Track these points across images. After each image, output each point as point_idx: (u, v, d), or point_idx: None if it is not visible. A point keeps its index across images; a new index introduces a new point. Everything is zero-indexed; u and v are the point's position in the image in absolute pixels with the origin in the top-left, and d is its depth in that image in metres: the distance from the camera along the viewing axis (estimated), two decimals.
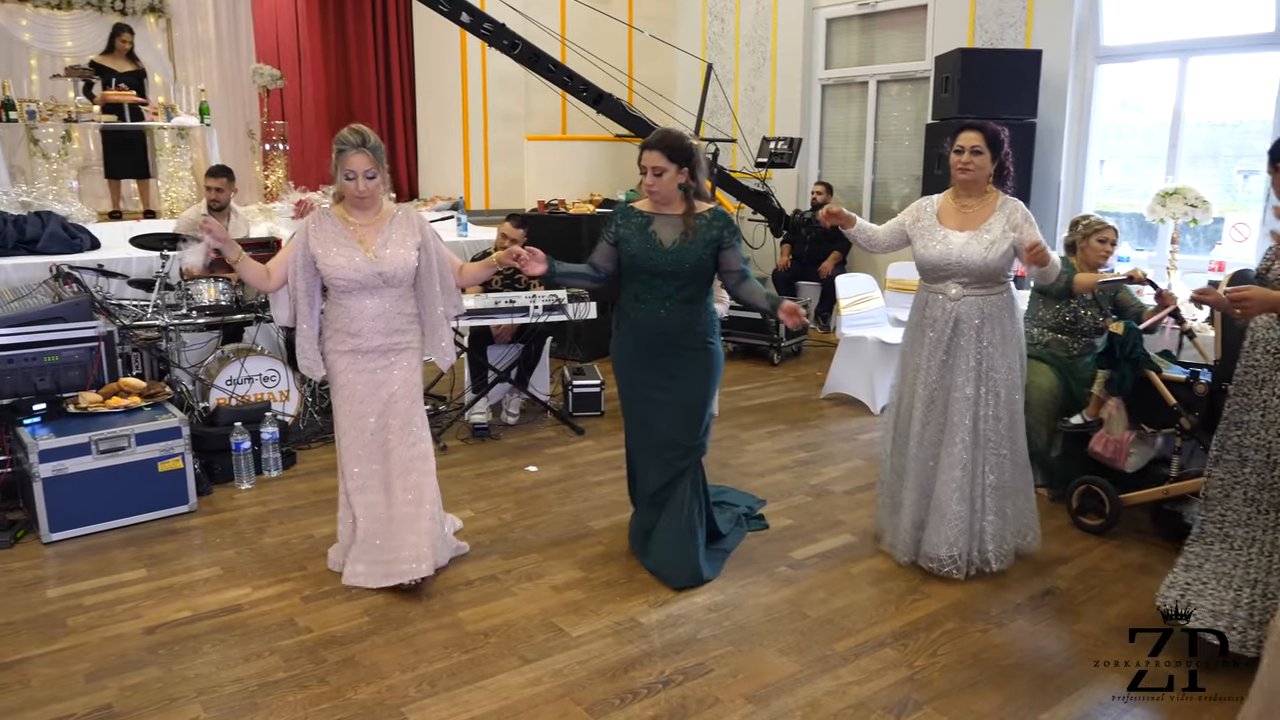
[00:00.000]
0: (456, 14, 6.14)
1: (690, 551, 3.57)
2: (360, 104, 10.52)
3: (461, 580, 3.58)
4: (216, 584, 3.55)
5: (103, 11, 9.26)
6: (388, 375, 3.45)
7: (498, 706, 2.77)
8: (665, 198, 3.47)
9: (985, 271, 3.50)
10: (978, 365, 3.54)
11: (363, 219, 3.42)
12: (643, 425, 3.65)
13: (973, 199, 3.60)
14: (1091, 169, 7.15)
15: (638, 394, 3.63)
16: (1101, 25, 6.90)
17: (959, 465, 3.55)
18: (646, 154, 3.44)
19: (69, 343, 4.37)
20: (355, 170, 3.30)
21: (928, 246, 3.59)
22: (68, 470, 3.90)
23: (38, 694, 2.81)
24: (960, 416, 3.55)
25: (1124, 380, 3.95)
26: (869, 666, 3.00)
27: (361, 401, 3.45)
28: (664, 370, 3.56)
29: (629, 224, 3.53)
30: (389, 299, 3.41)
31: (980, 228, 3.53)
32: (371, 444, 3.47)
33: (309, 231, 3.40)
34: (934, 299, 3.62)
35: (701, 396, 3.61)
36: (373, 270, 3.34)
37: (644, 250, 3.47)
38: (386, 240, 3.38)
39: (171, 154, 8.41)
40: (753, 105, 9.46)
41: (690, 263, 3.46)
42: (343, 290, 3.38)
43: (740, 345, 7.44)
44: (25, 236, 6.13)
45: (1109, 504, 3.99)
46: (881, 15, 8.50)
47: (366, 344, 3.41)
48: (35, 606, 3.36)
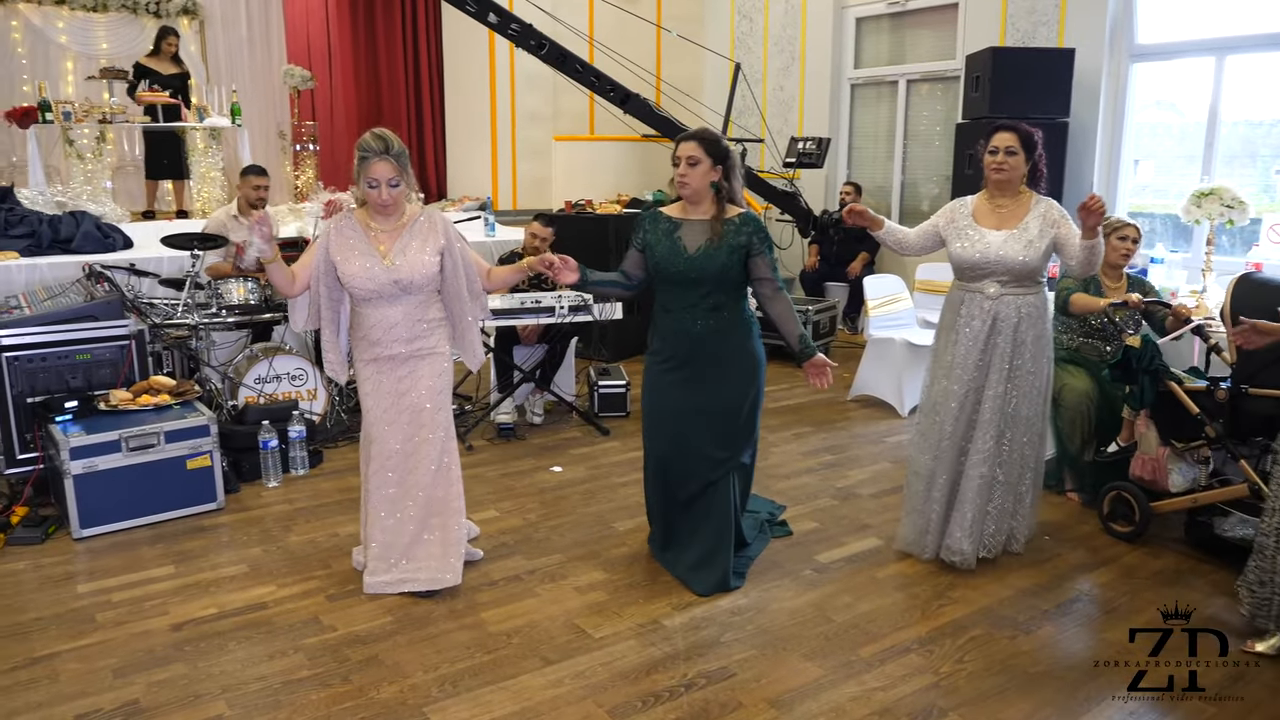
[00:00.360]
0: (484, 14, 6.14)
1: (721, 562, 3.51)
2: (390, 104, 10.57)
3: (485, 580, 3.58)
4: (242, 581, 3.58)
5: (138, 14, 9.38)
6: (413, 384, 3.39)
7: (519, 708, 2.76)
8: (697, 194, 3.38)
9: (1024, 270, 3.51)
10: (1011, 364, 3.57)
11: (385, 225, 3.36)
12: (677, 439, 3.51)
13: (1007, 199, 3.60)
14: (1125, 169, 7.04)
15: (669, 407, 3.50)
16: (1136, 23, 6.79)
17: (985, 462, 3.59)
18: (683, 145, 3.37)
19: (101, 341, 4.43)
20: (378, 179, 3.22)
21: (965, 246, 3.59)
22: (98, 467, 3.95)
23: (66, 689, 2.84)
24: (992, 414, 3.58)
25: (1144, 394, 3.86)
26: (894, 672, 2.97)
27: (386, 410, 3.39)
28: (697, 380, 3.45)
29: (655, 229, 3.46)
30: (409, 306, 3.35)
31: (1017, 227, 3.53)
32: (397, 454, 3.41)
33: (330, 238, 3.35)
34: (971, 298, 3.61)
35: (739, 403, 3.48)
36: (389, 278, 3.28)
37: (668, 256, 3.39)
38: (405, 247, 3.32)
39: (204, 155, 8.50)
40: (781, 105, 9.41)
41: (714, 269, 3.35)
42: (361, 299, 3.34)
43: (766, 346, 7.38)
44: (60, 236, 6.21)
45: (1139, 511, 3.92)
46: (912, 14, 8.42)
47: (388, 352, 3.36)
48: (65, 602, 3.40)
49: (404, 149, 3.29)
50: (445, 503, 3.45)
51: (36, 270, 5.79)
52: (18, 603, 3.39)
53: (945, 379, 3.67)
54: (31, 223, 6.19)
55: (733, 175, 3.42)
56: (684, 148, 3.36)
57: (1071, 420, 4.26)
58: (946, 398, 3.65)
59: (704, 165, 3.34)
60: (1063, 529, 4.10)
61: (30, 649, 3.07)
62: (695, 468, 3.52)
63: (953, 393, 3.63)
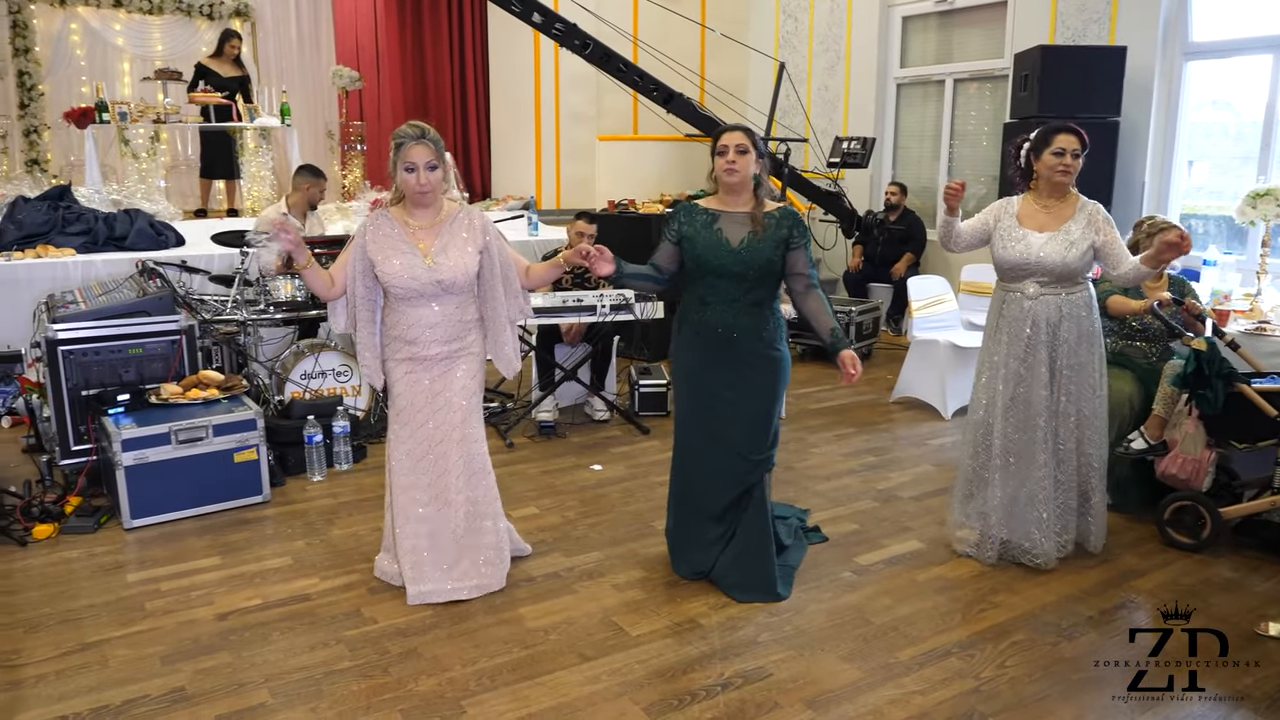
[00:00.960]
0: (529, 14, 6.20)
1: (768, 570, 3.46)
2: (435, 105, 10.69)
3: (524, 577, 3.60)
4: (286, 573, 3.64)
5: (192, 16, 9.58)
6: (445, 384, 3.33)
7: (556, 703, 2.78)
8: (743, 183, 3.34)
9: (1064, 271, 3.53)
10: (1053, 363, 3.58)
11: (423, 220, 3.30)
12: (709, 437, 3.45)
13: (1055, 200, 3.62)
14: (1177, 169, 6.90)
15: (703, 403, 3.46)
16: (1190, 20, 6.66)
17: (1046, 464, 3.61)
18: (730, 134, 3.33)
19: (152, 336, 4.53)
20: (415, 162, 3.17)
21: (1007, 247, 3.60)
22: (148, 459, 4.04)
23: (115, 674, 2.92)
24: (1045, 415, 3.59)
25: (1216, 398, 3.74)
26: (933, 676, 2.94)
27: (419, 411, 3.33)
28: (731, 378, 3.40)
29: (692, 222, 3.39)
30: (449, 306, 3.29)
31: (1061, 228, 3.55)
32: (427, 457, 3.34)
33: (366, 236, 3.29)
34: (1011, 298, 3.64)
35: (769, 405, 3.46)
36: (431, 278, 3.22)
37: (710, 249, 3.34)
38: (446, 246, 3.26)
39: (254, 154, 8.66)
40: (826, 105, 9.36)
41: (759, 263, 3.32)
42: (400, 297, 3.27)
43: (809, 348, 7.36)
44: (115, 233, 6.37)
45: (1210, 521, 3.79)
46: (960, 12, 8.33)
47: (424, 352, 3.30)
48: (116, 590, 3.48)
49: (439, 137, 3.27)
50: (483, 505, 3.41)
51: (92, 267, 5.94)
52: (71, 590, 3.48)
53: (994, 380, 3.67)
54: (88, 220, 6.35)
55: (766, 170, 3.43)
56: (733, 136, 3.33)
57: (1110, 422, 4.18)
58: (995, 397, 3.65)
59: (751, 155, 3.32)
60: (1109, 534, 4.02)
61: (82, 635, 3.15)
62: (732, 471, 3.46)
63: (1000, 392, 3.64)
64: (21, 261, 5.83)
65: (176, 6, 9.49)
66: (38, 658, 3.00)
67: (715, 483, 3.49)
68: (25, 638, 3.13)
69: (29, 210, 6.28)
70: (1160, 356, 4.32)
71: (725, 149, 3.32)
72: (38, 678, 2.89)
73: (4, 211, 6.21)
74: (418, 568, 3.36)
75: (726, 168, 3.31)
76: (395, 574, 3.48)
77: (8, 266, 5.77)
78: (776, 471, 4.76)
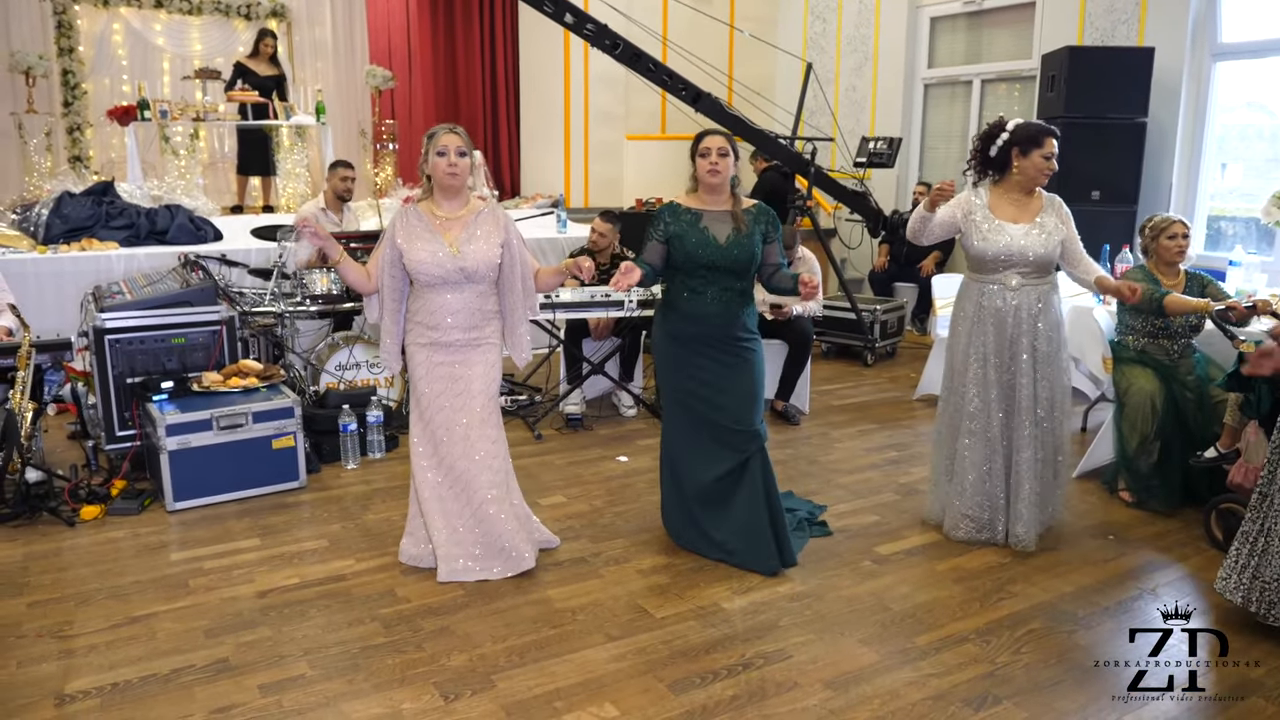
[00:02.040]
0: (561, 14, 6.29)
1: (779, 534, 3.64)
2: (466, 104, 10.83)
3: (552, 561, 3.71)
4: (323, 555, 3.76)
5: (230, 16, 9.78)
6: (466, 370, 3.47)
7: (583, 679, 2.88)
8: (724, 183, 3.58)
9: (1044, 262, 3.73)
10: (1034, 350, 3.75)
11: (449, 210, 3.46)
12: (704, 415, 3.65)
13: (1024, 195, 3.80)
14: (1205, 171, 6.89)
15: (696, 380, 3.65)
16: (1220, 21, 6.66)
17: (1029, 447, 3.77)
18: (710, 138, 3.58)
19: (195, 326, 4.68)
20: (447, 146, 3.37)
21: (988, 239, 3.75)
22: (191, 444, 4.18)
23: (163, 645, 3.05)
24: (1027, 401, 3.76)
25: (1261, 402, 3.70)
26: (950, 660, 3.01)
27: (439, 395, 3.46)
28: (721, 360, 3.63)
29: (679, 221, 3.60)
30: (471, 295, 3.44)
31: (1035, 220, 3.75)
32: (448, 440, 3.47)
33: (396, 226, 3.46)
34: (990, 289, 3.79)
35: (754, 384, 3.68)
36: (455, 265, 3.38)
37: (700, 246, 3.55)
38: (471, 236, 3.42)
39: (290, 152, 8.84)
40: (853, 105, 9.41)
41: (747, 257, 3.57)
42: (425, 284, 3.42)
43: (834, 345, 7.43)
44: (156, 228, 6.55)
45: None
46: (988, 13, 8.36)
47: (445, 338, 3.44)
48: (160, 568, 3.63)
49: (469, 135, 3.49)
50: (497, 487, 3.51)
51: (134, 260, 6.11)
52: (117, 567, 3.62)
53: (976, 369, 3.80)
54: (130, 215, 6.54)
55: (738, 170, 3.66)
56: (715, 140, 3.58)
57: (1132, 420, 4.23)
58: (988, 388, 3.79)
59: (730, 158, 3.57)
60: (1127, 528, 4.08)
61: (129, 609, 3.29)
62: (725, 445, 3.65)
63: (990, 380, 3.78)
64: (67, 254, 6.02)
65: (215, 7, 9.70)
66: (89, 629, 3.14)
67: (708, 456, 3.67)
68: (76, 610, 3.27)
69: (74, 205, 6.47)
70: (1182, 354, 4.35)
71: (708, 151, 3.56)
72: (89, 647, 3.03)
73: (50, 206, 6.40)
74: (447, 546, 3.50)
75: (710, 169, 3.55)
76: (420, 556, 3.63)
77: (54, 259, 5.96)
78: (800, 464, 4.88)
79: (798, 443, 5.31)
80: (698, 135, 3.64)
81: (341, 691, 2.80)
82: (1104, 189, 6.67)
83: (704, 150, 3.57)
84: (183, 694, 2.78)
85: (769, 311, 5.60)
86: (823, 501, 4.34)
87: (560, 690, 2.82)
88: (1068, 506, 4.30)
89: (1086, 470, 4.68)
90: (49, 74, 8.87)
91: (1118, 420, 4.36)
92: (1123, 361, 4.43)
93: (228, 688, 2.82)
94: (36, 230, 6.28)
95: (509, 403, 5.70)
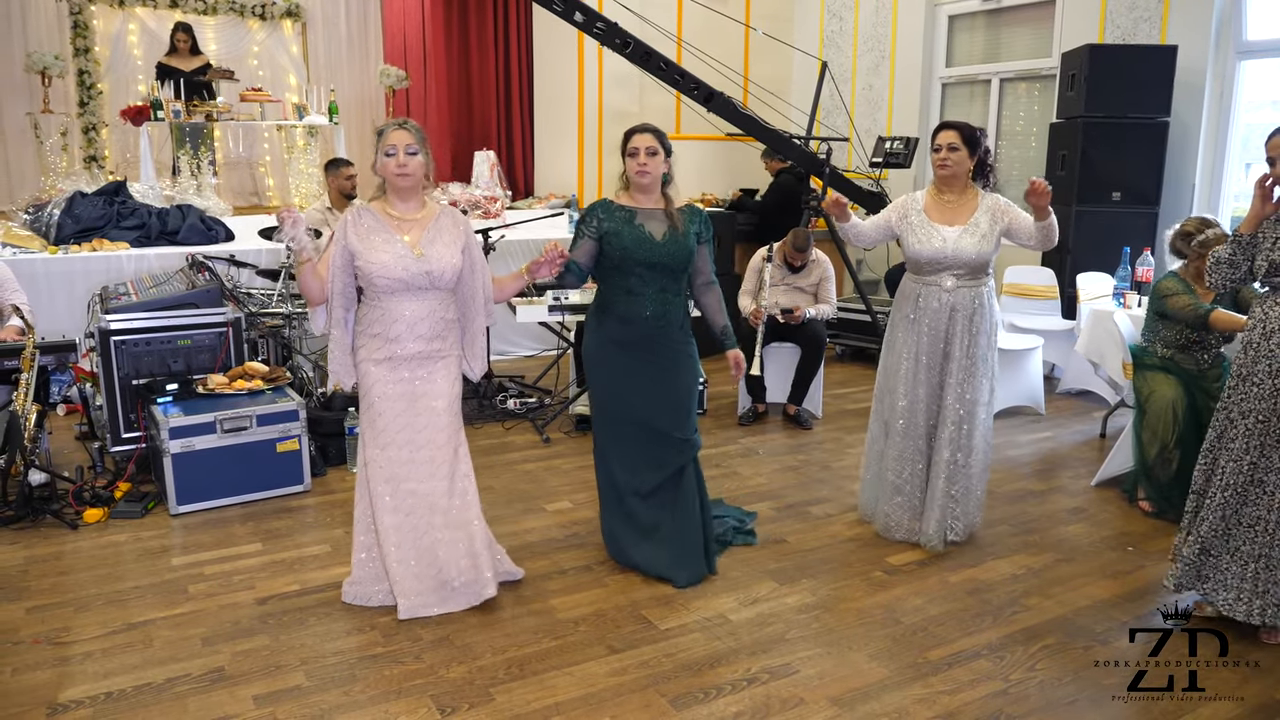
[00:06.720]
0: (570, 13, 6.23)
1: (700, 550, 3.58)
2: (480, 103, 10.79)
3: (555, 569, 3.65)
4: (325, 561, 3.72)
5: (244, 16, 9.77)
6: (428, 386, 3.20)
7: (583, 693, 2.82)
8: (654, 182, 3.50)
9: (978, 264, 3.73)
10: (967, 351, 3.75)
11: (405, 211, 3.19)
12: (635, 422, 3.53)
13: (954, 194, 3.79)
14: (1229, 171, 6.75)
15: (629, 386, 3.52)
16: (1245, 19, 6.51)
17: (948, 446, 3.79)
18: (639, 135, 3.48)
19: (200, 328, 4.64)
20: (396, 145, 3.10)
21: (922, 241, 3.75)
22: (195, 447, 4.14)
23: (159, 653, 3.01)
24: (953, 401, 3.77)
25: None
26: (961, 677, 2.93)
27: (399, 415, 3.17)
28: (656, 364, 3.53)
29: (612, 218, 3.49)
30: (432, 302, 3.17)
31: (969, 222, 3.71)
32: (410, 462, 3.19)
33: (348, 229, 3.13)
34: (928, 291, 3.78)
35: (690, 389, 3.62)
36: (420, 269, 3.10)
37: (636, 244, 3.44)
38: (434, 238, 3.15)
39: (303, 152, 8.81)
40: (870, 104, 9.30)
41: (683, 256, 3.49)
42: (384, 290, 3.11)
43: (848, 348, 7.34)
44: (167, 228, 6.53)
45: None
46: (1007, 11, 8.23)
47: (404, 350, 3.15)
48: (161, 573, 3.59)
49: (421, 129, 3.22)
50: (462, 512, 3.27)
51: (145, 260, 6.10)
52: (118, 571, 3.59)
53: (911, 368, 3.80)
54: (141, 215, 6.53)
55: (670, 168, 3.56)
56: (643, 139, 3.47)
57: (1153, 428, 4.13)
58: (918, 389, 3.80)
59: (660, 155, 3.48)
60: (1145, 539, 3.98)
61: (128, 615, 3.25)
62: (662, 453, 3.56)
63: (921, 380, 3.79)
64: (78, 255, 6.01)
65: (230, 7, 9.69)
66: (86, 636, 3.11)
67: (645, 464, 3.58)
68: (74, 616, 3.24)
69: (85, 205, 6.46)
70: (1212, 363, 4.24)
71: (636, 151, 3.48)
72: (85, 655, 2.99)
73: (62, 206, 6.39)
74: (404, 580, 3.23)
75: (639, 170, 3.48)
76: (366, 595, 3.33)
77: (65, 259, 5.95)
78: (812, 470, 4.81)
79: (810, 448, 5.22)
80: (626, 133, 3.55)
81: (337, 703, 2.75)
82: (1125, 190, 6.55)
83: (632, 150, 3.48)
84: (176, 704, 2.73)
85: (781, 314, 5.52)
86: (834, 509, 4.26)
87: (559, 705, 2.76)
88: (1087, 516, 4.23)
89: (1105, 478, 4.59)
90: (65, 74, 8.87)
91: (1137, 427, 4.26)
92: (1145, 367, 4.32)
93: (222, 698, 2.77)
94: (48, 230, 6.27)
95: (518, 405, 5.64)
